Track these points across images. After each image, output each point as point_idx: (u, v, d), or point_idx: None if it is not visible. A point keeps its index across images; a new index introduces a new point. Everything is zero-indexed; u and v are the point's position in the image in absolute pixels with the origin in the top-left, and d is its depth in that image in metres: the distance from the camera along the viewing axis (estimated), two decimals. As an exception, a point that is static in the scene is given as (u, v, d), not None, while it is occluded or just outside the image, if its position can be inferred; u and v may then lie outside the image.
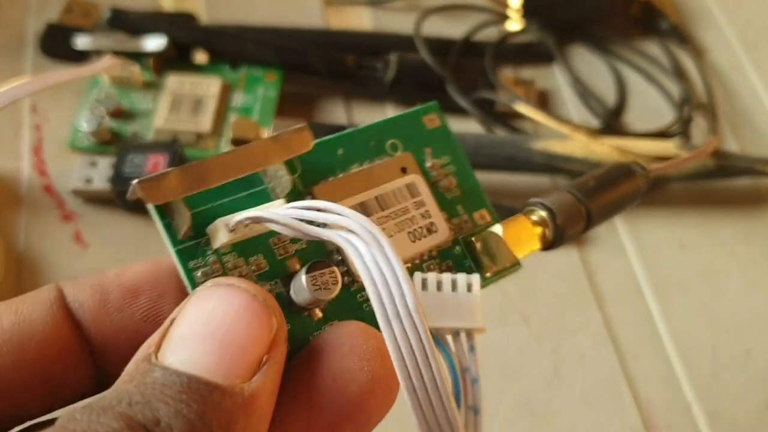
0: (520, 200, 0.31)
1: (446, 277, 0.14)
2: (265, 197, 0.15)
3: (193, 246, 0.14)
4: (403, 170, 0.16)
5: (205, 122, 0.31)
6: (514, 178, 0.32)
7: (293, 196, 0.15)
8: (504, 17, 0.37)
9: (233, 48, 0.33)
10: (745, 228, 0.32)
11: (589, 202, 0.17)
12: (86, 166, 0.30)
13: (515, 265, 0.16)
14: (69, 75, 0.29)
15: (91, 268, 0.29)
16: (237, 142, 0.30)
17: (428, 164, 0.16)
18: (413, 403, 0.11)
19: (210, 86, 0.32)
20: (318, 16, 0.38)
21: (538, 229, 0.17)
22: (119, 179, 0.29)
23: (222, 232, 0.14)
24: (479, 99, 0.33)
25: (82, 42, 0.32)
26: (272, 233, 0.14)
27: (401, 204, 0.16)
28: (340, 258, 0.15)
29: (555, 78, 0.36)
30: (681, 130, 0.33)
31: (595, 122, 0.34)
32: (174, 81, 0.32)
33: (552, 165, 0.30)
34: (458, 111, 0.33)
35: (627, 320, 0.29)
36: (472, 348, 0.13)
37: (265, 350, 0.11)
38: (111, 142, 0.31)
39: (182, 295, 0.13)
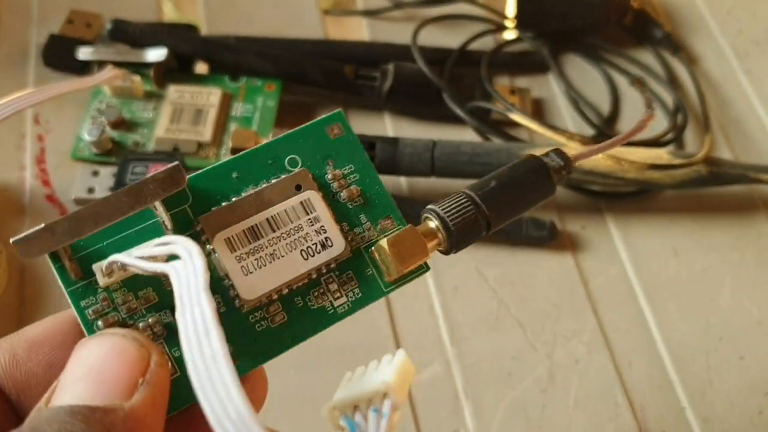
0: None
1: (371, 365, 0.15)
2: (158, 231, 0.15)
3: (84, 286, 0.15)
4: (298, 187, 0.16)
5: (205, 132, 0.32)
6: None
7: (182, 226, 0.15)
8: (499, 27, 0.37)
9: (233, 59, 0.33)
10: (738, 235, 0.32)
11: (488, 206, 0.16)
12: (88, 175, 0.30)
13: (419, 270, 0.17)
14: (71, 86, 0.30)
15: (92, 277, 0.29)
16: (236, 151, 0.31)
17: (329, 176, 0.17)
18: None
19: (210, 96, 0.33)
20: (316, 26, 0.38)
21: (431, 240, 0.16)
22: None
23: (98, 275, 0.15)
24: (475, 108, 0.33)
25: (83, 53, 0.33)
26: None
27: (294, 222, 0.16)
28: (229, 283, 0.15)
29: (550, 86, 0.37)
30: (674, 137, 0.34)
31: (589, 130, 0.35)
32: (175, 91, 0.33)
33: (547, 173, 0.30)
34: (454, 120, 0.34)
35: (621, 326, 0.29)
36: (384, 415, 0.14)
37: (140, 375, 0.13)
38: (113, 151, 0.32)
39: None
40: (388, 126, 0.35)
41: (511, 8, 0.36)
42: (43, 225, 0.14)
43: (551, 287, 0.30)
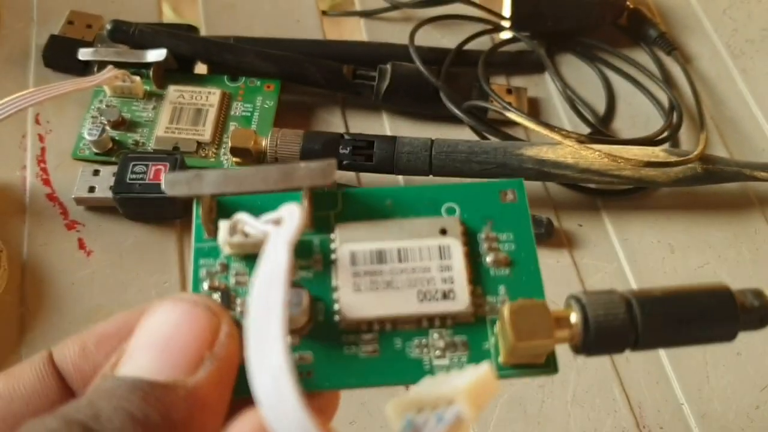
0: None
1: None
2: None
3: (211, 247, 0.15)
4: (443, 231, 0.15)
5: (205, 131, 0.32)
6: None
7: (319, 228, 0.15)
8: (496, 27, 0.38)
9: (232, 59, 0.33)
10: (734, 232, 0.32)
11: (644, 320, 0.14)
12: (89, 174, 0.30)
13: (546, 366, 0.15)
14: (71, 86, 0.30)
15: (94, 275, 0.29)
16: (236, 150, 0.31)
17: (482, 235, 0.16)
18: None
19: (210, 96, 0.33)
20: (315, 27, 0.38)
21: (562, 328, 0.14)
22: (121, 187, 0.29)
23: (221, 231, 0.15)
24: (472, 107, 0.33)
25: (84, 54, 0.33)
26: None
27: (424, 262, 0.15)
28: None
29: (546, 86, 0.37)
30: (670, 136, 0.34)
31: (585, 129, 0.35)
32: (174, 91, 0.33)
33: (544, 171, 0.31)
34: (452, 119, 0.34)
35: (618, 322, 0.30)
36: (443, 420, 0.13)
37: (207, 347, 0.13)
38: (113, 151, 0.32)
39: None
40: (386, 125, 0.35)
41: (507, 8, 0.36)
42: (195, 170, 0.15)
43: (548, 284, 0.30)
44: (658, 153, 0.31)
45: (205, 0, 0.39)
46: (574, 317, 0.14)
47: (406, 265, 0.15)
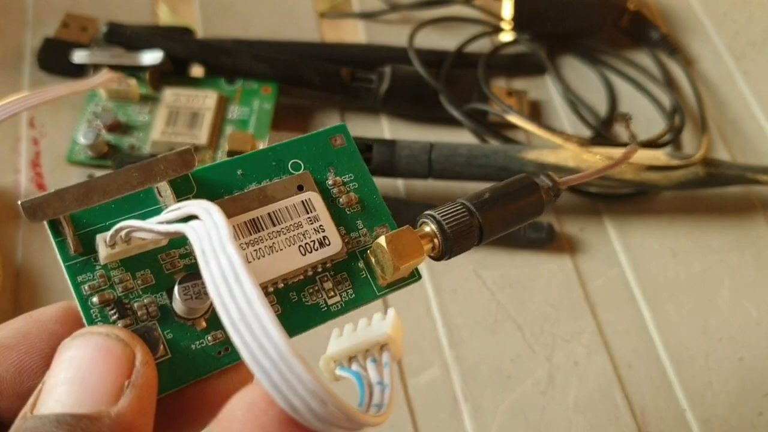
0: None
1: (361, 322, 0.16)
2: (158, 214, 0.15)
3: (82, 262, 0.15)
4: (300, 188, 0.17)
5: (201, 135, 0.32)
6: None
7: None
8: (496, 29, 0.37)
9: (229, 62, 0.33)
10: (736, 236, 0.32)
11: (482, 215, 0.17)
12: (83, 179, 0.30)
13: (412, 277, 0.17)
14: (66, 89, 0.30)
15: (88, 281, 0.29)
16: (233, 154, 0.31)
17: (329, 182, 0.17)
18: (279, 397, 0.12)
19: (206, 99, 0.32)
20: (313, 29, 0.38)
21: (426, 242, 0.17)
22: (116, 192, 0.29)
23: (101, 246, 0.15)
24: (472, 110, 0.33)
25: (79, 56, 0.33)
26: (160, 249, 0.15)
27: (294, 219, 0.16)
28: None
29: (547, 88, 0.37)
30: (672, 139, 0.34)
31: (586, 132, 0.35)
32: (170, 94, 0.33)
33: (544, 175, 0.30)
34: (451, 122, 0.34)
35: (620, 328, 0.29)
36: (386, 364, 0.15)
37: (125, 376, 0.13)
38: (108, 155, 0.31)
39: (50, 346, 0.14)
40: (385, 128, 0.35)
41: (507, 10, 0.36)
42: (53, 190, 0.14)
43: (550, 289, 0.30)
44: (660, 156, 0.31)
45: (202, 1, 0.38)
46: (431, 230, 0.17)
47: (281, 226, 0.16)
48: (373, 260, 0.17)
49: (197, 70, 0.34)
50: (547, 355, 0.28)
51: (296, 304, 0.16)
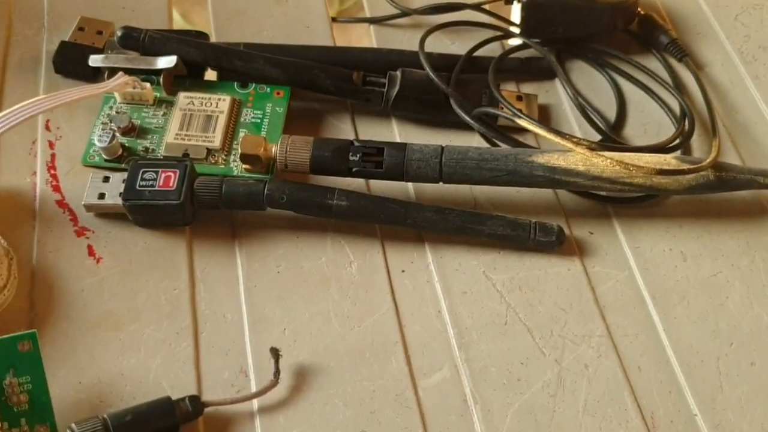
0: (523, 214, 0.32)
1: None
2: None
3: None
4: None
5: (215, 138, 0.32)
6: (518, 190, 0.33)
7: None
8: (506, 34, 0.38)
9: (242, 66, 0.33)
10: (747, 240, 0.32)
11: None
12: (99, 181, 0.30)
13: None
14: (82, 93, 0.30)
15: (103, 282, 0.29)
16: (246, 157, 0.31)
17: (6, 381, 0.23)
18: None
19: (219, 103, 0.33)
20: (325, 33, 0.38)
21: None
22: (131, 194, 0.29)
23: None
24: (482, 113, 0.33)
25: (94, 60, 0.33)
26: None
27: None
28: None
29: (556, 92, 0.37)
30: (681, 143, 0.34)
31: (596, 136, 0.35)
32: (184, 98, 0.33)
33: (554, 178, 0.30)
34: (462, 126, 0.34)
35: (630, 332, 0.29)
36: None
37: None
38: (123, 158, 0.32)
39: None
40: (395, 132, 0.35)
41: (517, 15, 0.36)
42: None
43: (559, 292, 0.30)
44: (669, 161, 0.31)
45: (215, 6, 0.39)
46: None
47: None
48: None
49: (211, 74, 0.35)
50: (557, 357, 0.28)
51: None
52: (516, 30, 0.37)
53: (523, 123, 0.32)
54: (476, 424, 0.27)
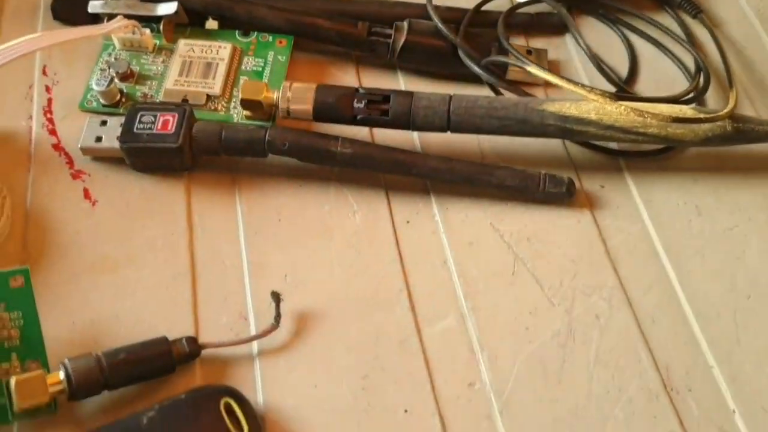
0: (532, 168, 0.31)
1: None
2: None
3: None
4: None
5: (215, 85, 0.31)
6: (526, 143, 0.32)
7: None
8: (516, -11, 0.37)
9: (244, 14, 0.33)
10: (764, 194, 0.31)
11: (110, 371, 0.23)
12: (96, 124, 0.30)
13: (47, 409, 0.22)
14: (79, 33, 0.29)
15: (99, 225, 0.28)
16: (246, 103, 0.30)
17: None
18: None
19: (220, 50, 0.32)
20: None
21: (55, 386, 0.22)
22: (129, 137, 0.29)
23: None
24: (491, 63, 0.32)
25: (93, 6, 0.32)
26: None
27: None
28: None
29: (567, 48, 0.36)
30: (695, 98, 0.33)
31: (609, 88, 0.34)
32: (184, 45, 0.32)
33: (566, 128, 0.29)
34: (470, 79, 0.33)
35: (643, 284, 0.28)
36: None
37: None
38: (120, 103, 0.31)
39: None
40: (401, 84, 0.34)
41: (527, -31, 0.35)
42: None
43: (569, 244, 0.29)
44: (686, 110, 0.30)
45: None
46: (62, 377, 0.23)
47: None
48: (11, 390, 0.22)
49: (212, 23, 0.34)
50: (567, 308, 0.27)
51: None
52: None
53: (534, 70, 0.31)
54: (483, 372, 0.26)
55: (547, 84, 0.33)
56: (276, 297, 0.26)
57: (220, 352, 0.25)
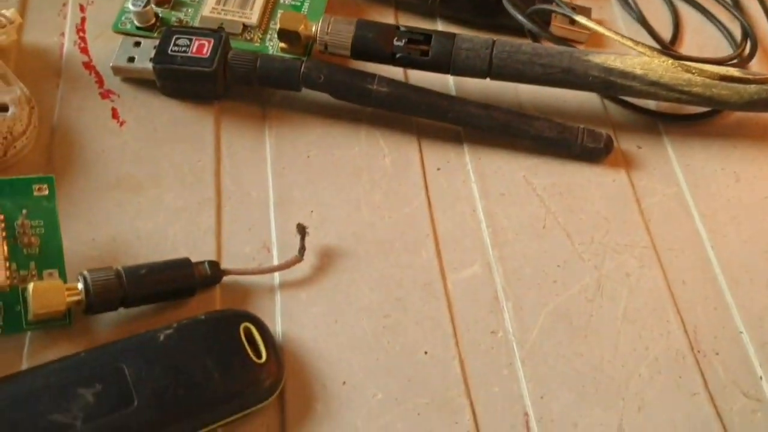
0: (571, 121, 0.30)
1: None
2: None
3: None
4: None
5: (252, 15, 0.30)
6: (566, 98, 0.31)
7: None
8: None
9: (285, -54, 0.32)
10: (806, 166, 0.30)
11: (130, 286, 0.22)
12: (129, 45, 0.29)
13: (62, 319, 0.22)
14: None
15: (126, 145, 0.28)
16: (284, 33, 0.29)
17: (18, 221, 0.22)
18: None
19: (259, -19, 0.31)
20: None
21: (73, 295, 0.22)
22: (162, 58, 0.28)
23: None
24: (536, 11, 0.31)
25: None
26: None
27: None
28: None
29: (611, 9, 0.35)
30: (740, 64, 0.32)
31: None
32: (223, -27, 0.31)
33: (609, 80, 0.29)
34: (512, 31, 0.32)
35: (675, 246, 0.28)
36: None
37: None
38: (155, 27, 0.30)
39: None
40: (439, 32, 0.33)
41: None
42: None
43: (602, 201, 0.29)
44: (732, 71, 0.29)
45: None
46: (81, 288, 0.22)
47: None
48: (27, 298, 0.21)
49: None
50: (597, 264, 0.27)
51: None
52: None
53: (582, 20, 0.30)
54: (507, 321, 0.25)
55: (590, 43, 0.32)
56: (301, 229, 0.26)
57: (241, 280, 0.25)
